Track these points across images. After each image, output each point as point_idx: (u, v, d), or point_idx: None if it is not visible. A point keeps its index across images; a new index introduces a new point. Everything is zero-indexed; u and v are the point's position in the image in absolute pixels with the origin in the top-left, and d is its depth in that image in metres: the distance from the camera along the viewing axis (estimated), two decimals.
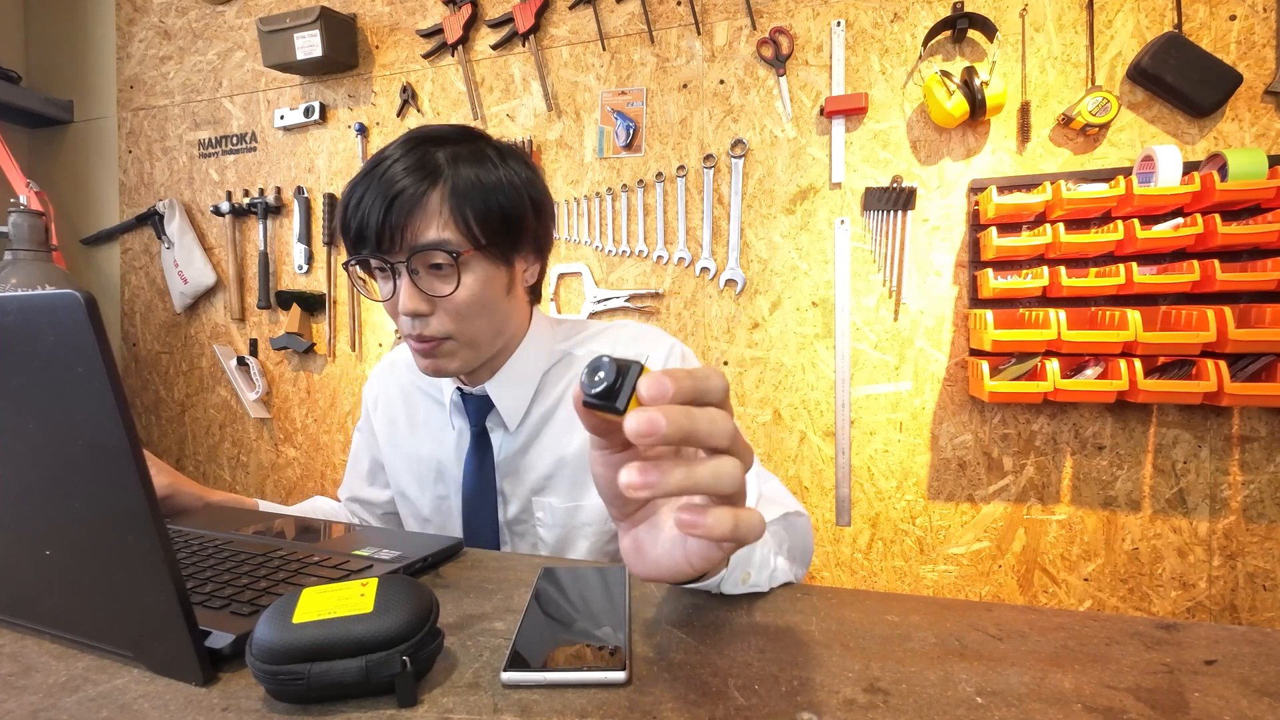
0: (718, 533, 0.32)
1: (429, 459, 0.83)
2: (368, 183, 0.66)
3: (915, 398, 1.47)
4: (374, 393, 0.91)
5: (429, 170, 0.66)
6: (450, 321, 0.68)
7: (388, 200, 0.64)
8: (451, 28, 1.72)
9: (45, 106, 2.08)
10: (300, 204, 1.89)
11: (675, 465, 0.32)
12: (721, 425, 0.33)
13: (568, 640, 0.43)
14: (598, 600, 0.49)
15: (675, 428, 0.31)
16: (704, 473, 0.32)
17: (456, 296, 0.67)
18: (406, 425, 0.86)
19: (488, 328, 0.71)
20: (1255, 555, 1.31)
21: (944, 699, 0.37)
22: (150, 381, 2.14)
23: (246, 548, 0.59)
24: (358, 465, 0.94)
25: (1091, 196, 1.25)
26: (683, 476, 0.32)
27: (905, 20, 1.45)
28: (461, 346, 0.70)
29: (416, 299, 0.67)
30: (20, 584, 0.46)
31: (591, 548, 0.78)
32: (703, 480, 0.32)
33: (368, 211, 0.65)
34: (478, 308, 0.69)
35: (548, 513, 0.78)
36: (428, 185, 0.65)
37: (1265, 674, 0.39)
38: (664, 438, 0.31)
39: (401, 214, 0.65)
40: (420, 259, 0.66)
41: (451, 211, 0.66)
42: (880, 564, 1.52)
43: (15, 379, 0.38)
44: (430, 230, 0.65)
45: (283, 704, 0.37)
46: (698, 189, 1.59)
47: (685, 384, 0.32)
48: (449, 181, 0.66)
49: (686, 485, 0.32)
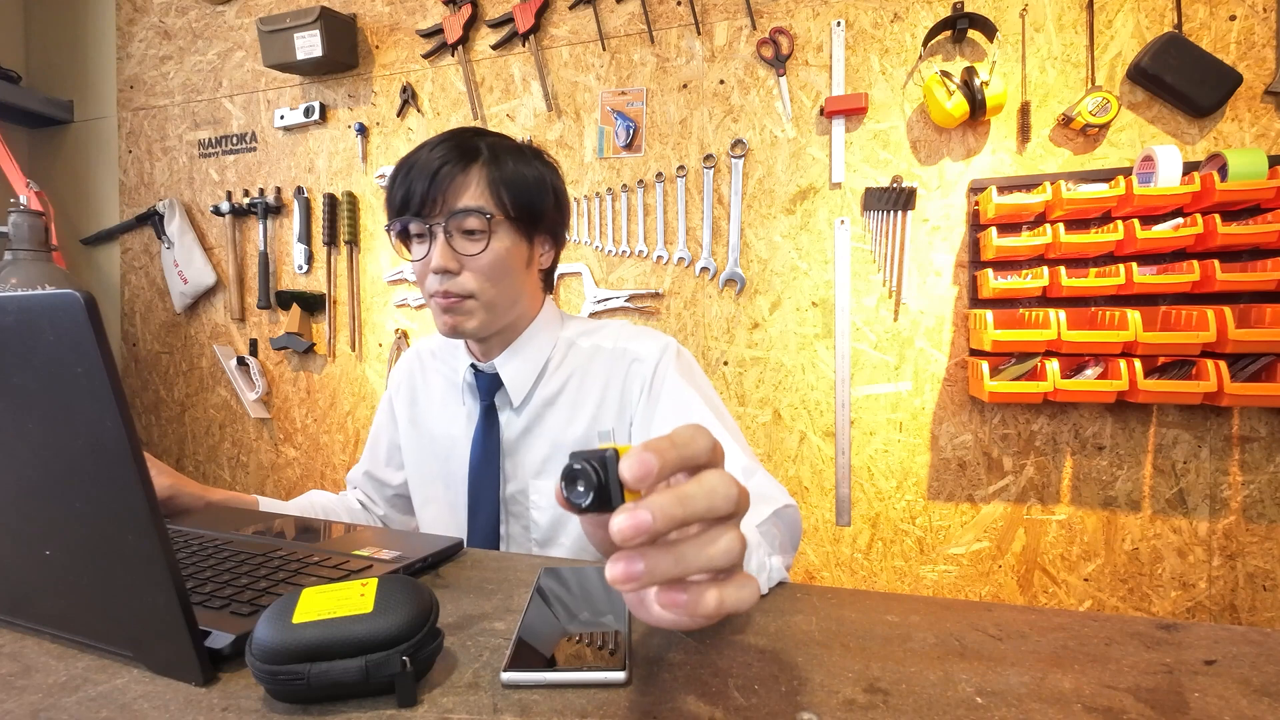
0: (700, 613, 0.30)
1: (443, 436, 0.89)
2: (414, 160, 0.77)
3: (915, 398, 1.47)
4: (398, 376, 0.97)
5: (470, 151, 0.77)
6: (474, 280, 0.76)
7: (432, 172, 0.74)
8: (451, 28, 1.72)
9: (45, 106, 2.08)
10: (300, 204, 1.89)
11: (663, 553, 0.29)
12: (722, 494, 0.30)
13: (568, 640, 0.43)
14: (598, 600, 0.49)
15: (665, 519, 0.28)
16: (695, 557, 0.29)
17: (484, 257, 0.76)
18: (425, 405, 0.93)
19: (506, 293, 0.79)
20: (1255, 555, 1.31)
21: (944, 699, 0.37)
22: (150, 381, 2.14)
23: (246, 548, 0.59)
24: (376, 445, 0.99)
25: (1091, 196, 1.25)
26: (671, 564, 0.29)
27: (905, 20, 1.45)
28: (481, 307, 0.78)
29: (448, 256, 0.75)
30: (20, 584, 0.46)
31: (581, 536, 0.81)
32: (695, 565, 0.29)
33: (414, 181, 0.75)
34: (500, 271, 0.78)
35: (542, 496, 0.82)
36: (468, 162, 0.76)
37: (1265, 674, 0.39)
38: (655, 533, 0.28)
39: (444, 183, 0.75)
40: (455, 223, 0.75)
41: (487, 185, 0.76)
42: (880, 564, 1.52)
43: (15, 379, 0.38)
44: (466, 197, 0.76)
45: (283, 704, 0.37)
46: (698, 189, 1.59)
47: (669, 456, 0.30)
48: (488, 163, 0.77)
49: (675, 574, 0.29)
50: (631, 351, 0.82)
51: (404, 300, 1.83)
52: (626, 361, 0.82)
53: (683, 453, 0.30)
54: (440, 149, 0.76)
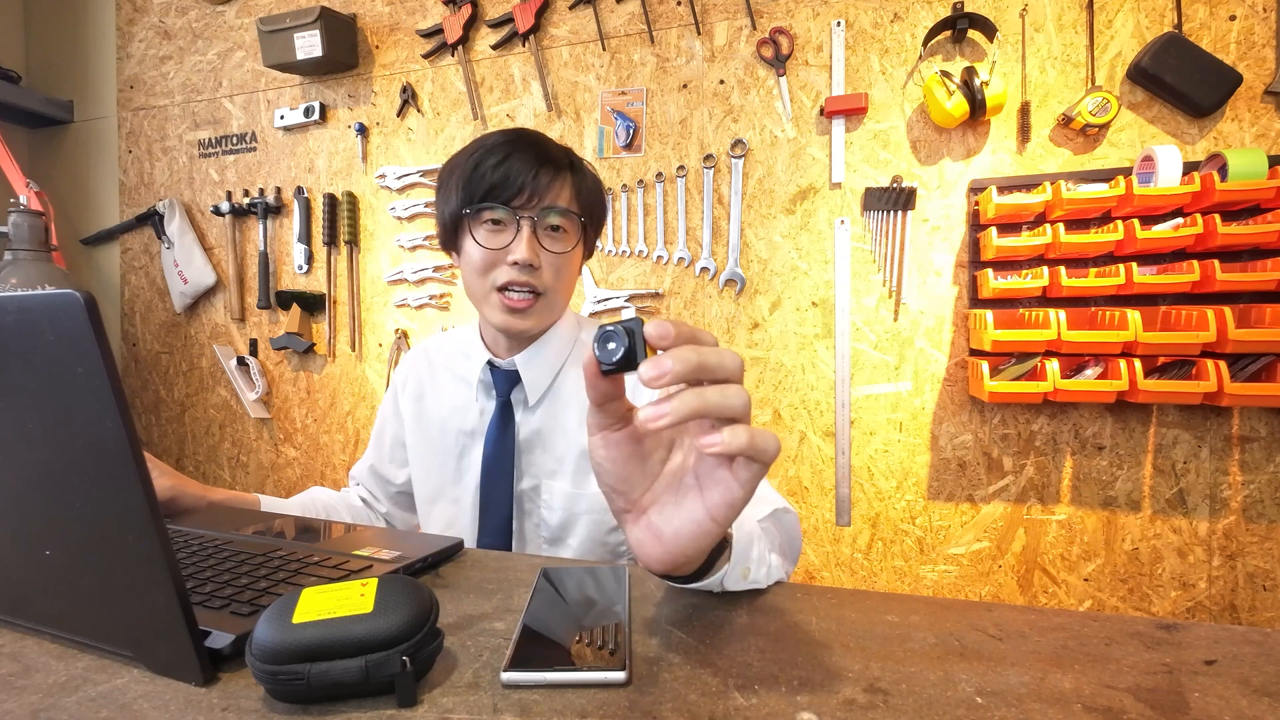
0: (737, 442, 0.35)
1: (453, 433, 0.88)
2: (512, 147, 0.77)
3: (915, 398, 1.47)
4: (404, 374, 0.97)
5: (560, 156, 0.80)
6: (550, 278, 0.79)
7: (536, 167, 0.76)
8: (451, 28, 1.72)
9: (45, 106, 2.08)
10: (300, 204, 1.89)
11: (684, 393, 0.35)
12: (729, 359, 0.37)
13: (568, 640, 0.43)
14: (598, 600, 0.49)
15: (683, 363, 0.35)
16: (712, 394, 0.36)
17: (565, 257, 0.79)
18: (434, 402, 0.92)
19: (566, 294, 0.83)
20: (1255, 555, 1.31)
21: (944, 699, 0.37)
22: (150, 381, 2.14)
23: (246, 548, 0.59)
24: (380, 441, 0.99)
25: (1091, 196, 1.25)
26: (693, 398, 0.35)
27: (905, 20, 1.45)
28: (547, 305, 0.80)
29: (535, 250, 0.77)
30: (20, 584, 0.46)
31: (590, 535, 0.82)
32: (711, 400, 0.35)
33: (514, 169, 0.76)
34: (570, 273, 0.82)
35: (553, 495, 0.83)
36: (560, 166, 0.79)
37: (1265, 674, 0.39)
38: (675, 375, 0.35)
39: (547, 178, 0.76)
40: (546, 219, 0.77)
41: (575, 190, 0.80)
42: (880, 564, 1.52)
43: (15, 379, 0.38)
44: (564, 197, 0.79)
45: (283, 704, 0.37)
46: (698, 189, 1.59)
47: (684, 328, 0.37)
48: (577, 170, 0.81)
49: (696, 406, 0.35)
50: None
51: (404, 300, 1.83)
52: None
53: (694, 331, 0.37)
54: (532, 149, 0.77)
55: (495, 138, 0.79)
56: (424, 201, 1.79)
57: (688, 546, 0.40)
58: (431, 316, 1.82)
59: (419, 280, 1.82)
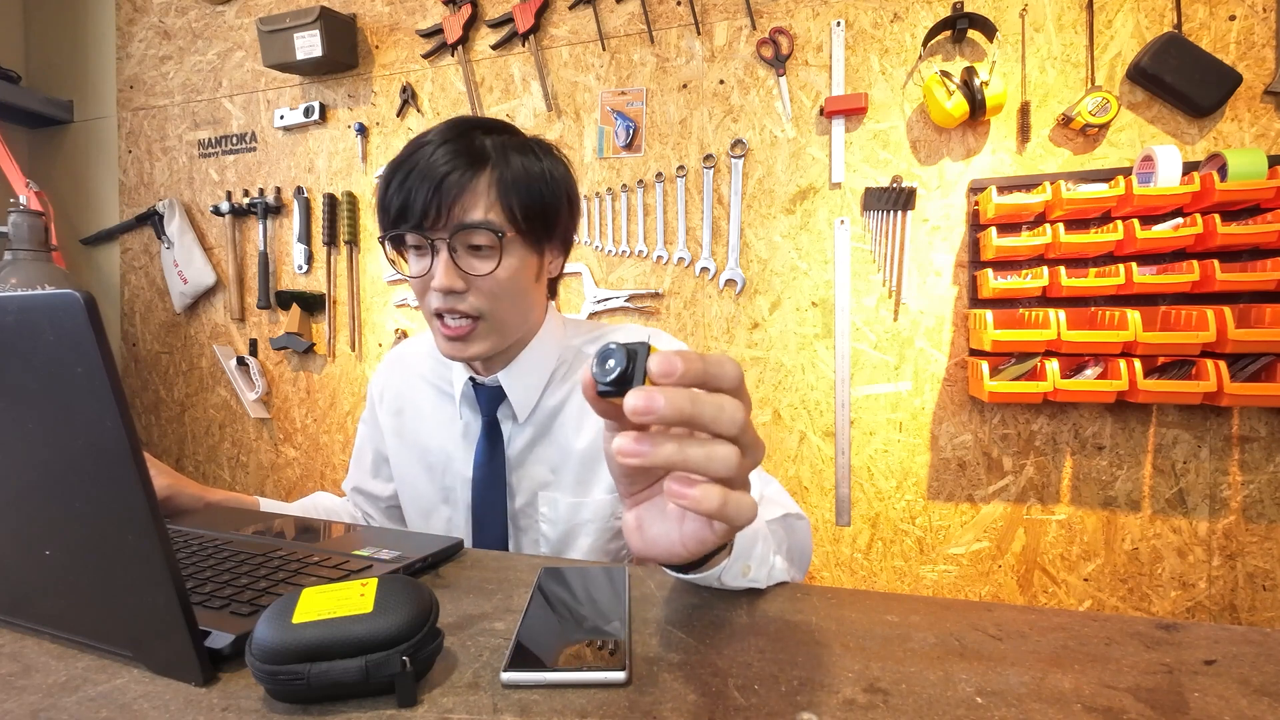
0: (704, 506, 0.32)
1: (437, 450, 0.84)
2: (413, 164, 0.68)
3: (915, 398, 1.47)
4: (380, 385, 0.91)
5: (477, 155, 0.69)
6: (484, 301, 0.70)
7: (436, 180, 0.66)
8: (451, 28, 1.72)
9: (45, 106, 2.08)
10: (300, 204, 1.89)
11: (667, 440, 0.32)
12: (729, 413, 0.32)
13: (568, 640, 0.43)
14: (598, 600, 0.49)
15: (673, 409, 0.31)
16: (695, 452, 0.32)
17: (495, 276, 0.69)
18: (414, 417, 0.87)
19: (516, 311, 0.74)
20: (1255, 555, 1.31)
21: (944, 699, 0.37)
22: (150, 381, 2.14)
23: (246, 548, 0.59)
24: (361, 458, 0.94)
25: (1091, 196, 1.25)
26: (672, 451, 0.32)
27: (905, 20, 1.45)
28: (491, 330, 0.72)
29: (454, 275, 0.68)
30: (20, 584, 0.46)
31: (593, 545, 0.79)
32: (692, 459, 0.32)
33: (413, 189, 0.67)
34: (512, 289, 0.71)
35: (551, 508, 0.79)
36: (476, 169, 0.68)
37: (1265, 674, 0.39)
38: (660, 417, 0.31)
39: (449, 194, 0.67)
40: (461, 238, 0.68)
41: (498, 195, 0.69)
42: (880, 564, 1.52)
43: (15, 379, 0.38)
44: (476, 211, 0.68)
45: (283, 704, 0.37)
46: (697, 189, 1.59)
47: (695, 365, 0.32)
48: (498, 168, 0.69)
49: (674, 460, 0.32)
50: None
51: (404, 300, 1.83)
52: None
53: (709, 368, 0.33)
54: (443, 151, 0.68)
55: (407, 149, 0.71)
56: None
57: (660, 555, 0.40)
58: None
59: None
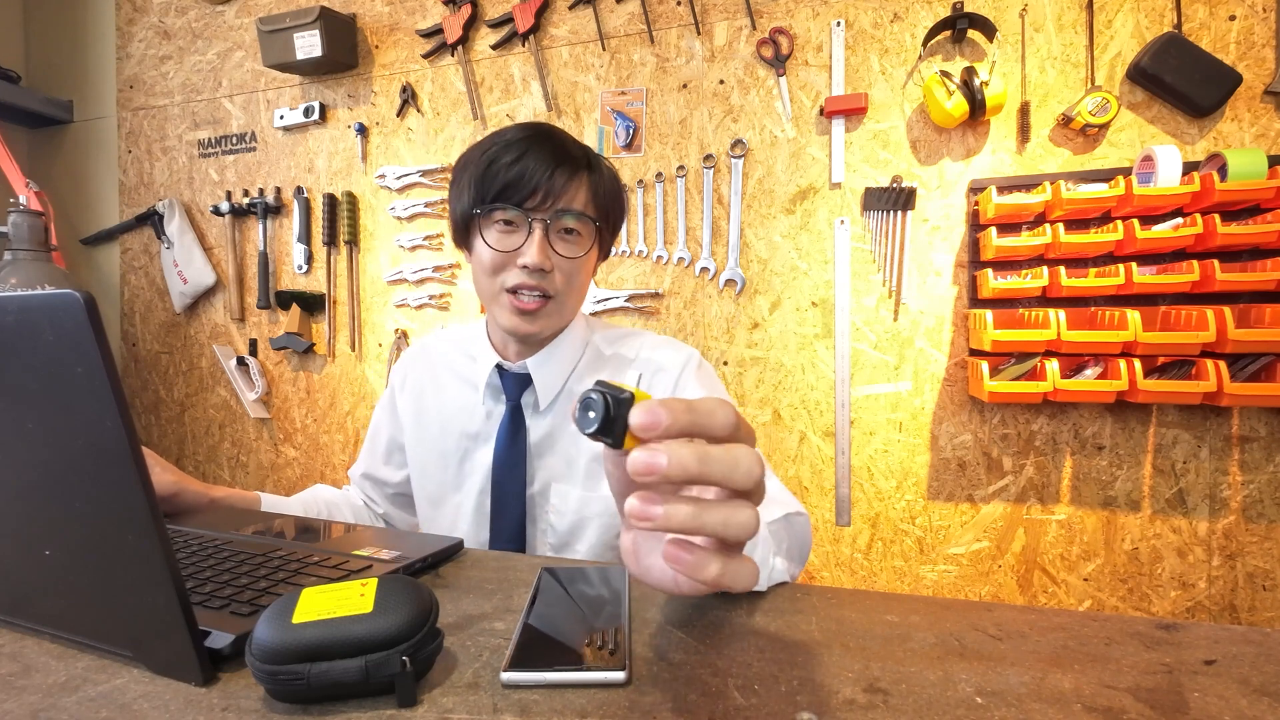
0: (700, 576, 0.30)
1: (456, 436, 0.86)
2: (528, 144, 0.74)
3: (915, 398, 1.47)
4: (403, 372, 0.94)
5: (582, 154, 0.77)
6: (562, 282, 0.77)
7: (550, 168, 0.73)
8: (451, 28, 1.72)
9: (45, 106, 2.08)
10: (300, 204, 1.89)
11: (683, 503, 0.30)
12: (744, 469, 0.30)
13: (568, 640, 0.43)
14: (598, 600, 0.49)
15: (678, 468, 0.29)
16: (712, 520, 0.30)
17: (578, 261, 0.77)
18: (435, 404, 0.89)
19: (577, 299, 0.81)
20: (1255, 555, 1.31)
21: (944, 699, 0.37)
22: (150, 381, 2.14)
23: (246, 548, 0.59)
24: (375, 443, 0.97)
25: (1091, 196, 1.25)
26: (687, 517, 0.30)
27: (905, 20, 1.45)
28: (558, 309, 0.78)
29: (546, 252, 0.74)
30: (20, 584, 0.46)
31: (599, 540, 0.80)
32: (709, 526, 0.30)
33: (529, 169, 0.73)
34: (583, 277, 0.80)
35: (562, 499, 0.81)
36: (584, 167, 0.77)
37: (1265, 674, 0.39)
38: (665, 477, 0.29)
39: (563, 179, 0.74)
40: (559, 222, 0.75)
41: (593, 192, 0.78)
42: (880, 564, 1.52)
43: (15, 379, 0.38)
44: (580, 200, 0.76)
45: (283, 704, 0.37)
46: (697, 189, 1.59)
47: (682, 417, 0.30)
48: (595, 171, 0.78)
49: (690, 527, 0.30)
50: (655, 361, 0.84)
51: (404, 300, 1.83)
52: (650, 371, 0.83)
53: (697, 419, 0.30)
54: (549, 146, 0.74)
55: (512, 133, 0.76)
56: (424, 202, 1.79)
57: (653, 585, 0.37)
58: (431, 316, 1.82)
59: (419, 280, 1.82)
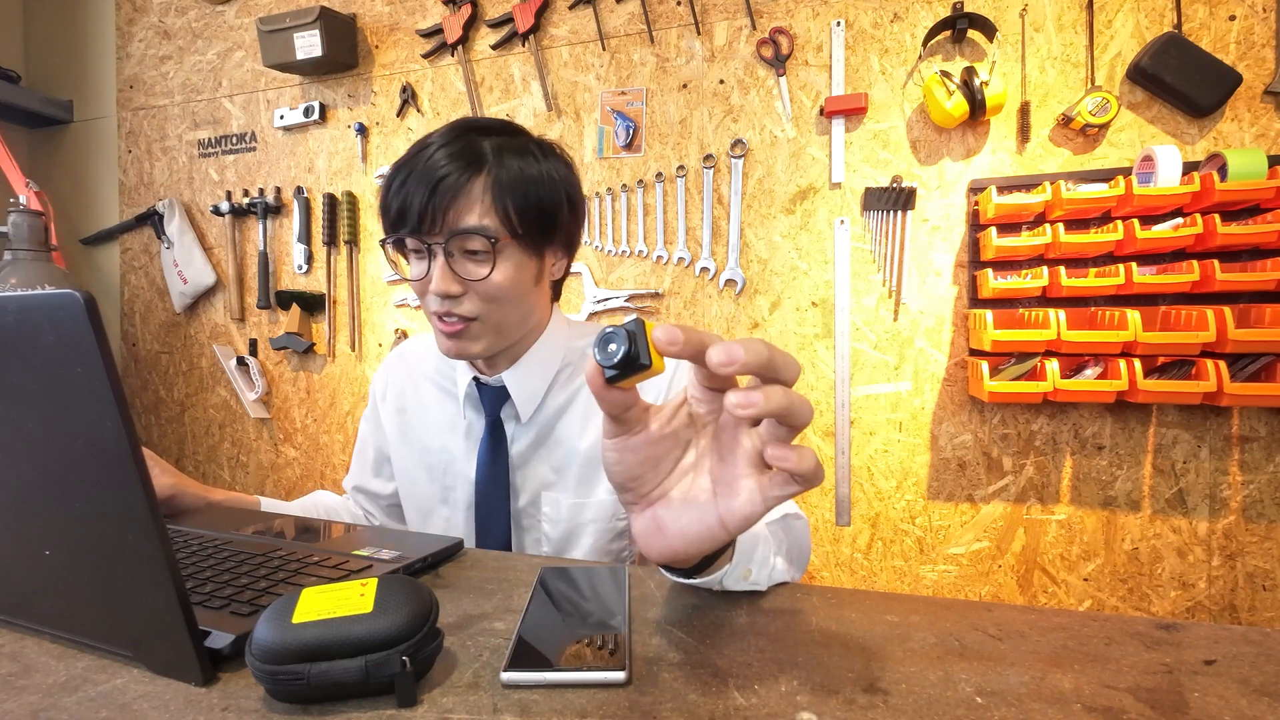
0: (806, 466, 0.34)
1: (439, 450, 0.84)
2: (411, 166, 0.69)
3: (915, 398, 1.47)
4: (383, 383, 0.92)
5: (474, 158, 0.69)
6: (480, 304, 0.71)
7: (432, 184, 0.67)
8: (451, 28, 1.72)
9: (45, 106, 2.08)
10: (300, 204, 1.89)
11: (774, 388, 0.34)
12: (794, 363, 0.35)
13: (568, 640, 0.43)
14: (598, 600, 0.49)
15: (755, 356, 0.33)
16: (798, 400, 0.34)
17: (490, 281, 0.70)
18: (417, 416, 0.87)
19: (514, 314, 0.74)
20: (1255, 555, 1.31)
21: (944, 699, 0.37)
22: (150, 381, 2.14)
23: (246, 548, 0.59)
24: (363, 456, 0.95)
25: (1091, 196, 1.25)
26: (782, 396, 0.34)
27: (905, 20, 1.45)
28: (487, 330, 0.73)
29: (449, 280, 0.69)
30: (20, 584, 0.46)
31: (594, 545, 0.79)
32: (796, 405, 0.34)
33: (410, 193, 0.68)
34: (508, 294, 0.72)
35: (554, 508, 0.79)
36: (472, 172, 0.68)
37: (1265, 674, 0.39)
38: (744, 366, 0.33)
39: (445, 198, 0.67)
40: (457, 243, 0.69)
41: (493, 200, 0.69)
42: (880, 564, 1.52)
43: (15, 379, 0.38)
44: (471, 216, 0.68)
45: (282, 704, 0.37)
46: (697, 189, 1.59)
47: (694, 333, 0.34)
48: (493, 171, 0.69)
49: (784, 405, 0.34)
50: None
51: (404, 300, 1.83)
52: None
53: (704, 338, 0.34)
54: (441, 154, 0.68)
55: (409, 152, 0.71)
56: None
57: (690, 546, 0.39)
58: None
59: None
